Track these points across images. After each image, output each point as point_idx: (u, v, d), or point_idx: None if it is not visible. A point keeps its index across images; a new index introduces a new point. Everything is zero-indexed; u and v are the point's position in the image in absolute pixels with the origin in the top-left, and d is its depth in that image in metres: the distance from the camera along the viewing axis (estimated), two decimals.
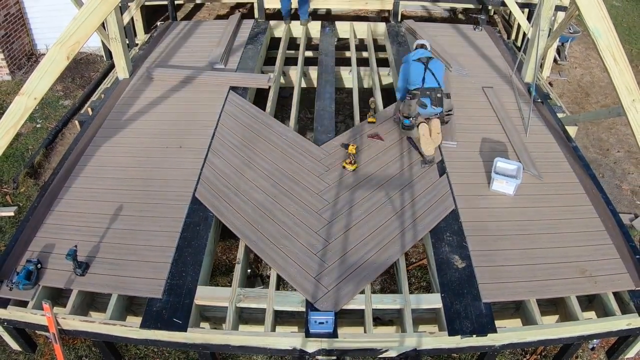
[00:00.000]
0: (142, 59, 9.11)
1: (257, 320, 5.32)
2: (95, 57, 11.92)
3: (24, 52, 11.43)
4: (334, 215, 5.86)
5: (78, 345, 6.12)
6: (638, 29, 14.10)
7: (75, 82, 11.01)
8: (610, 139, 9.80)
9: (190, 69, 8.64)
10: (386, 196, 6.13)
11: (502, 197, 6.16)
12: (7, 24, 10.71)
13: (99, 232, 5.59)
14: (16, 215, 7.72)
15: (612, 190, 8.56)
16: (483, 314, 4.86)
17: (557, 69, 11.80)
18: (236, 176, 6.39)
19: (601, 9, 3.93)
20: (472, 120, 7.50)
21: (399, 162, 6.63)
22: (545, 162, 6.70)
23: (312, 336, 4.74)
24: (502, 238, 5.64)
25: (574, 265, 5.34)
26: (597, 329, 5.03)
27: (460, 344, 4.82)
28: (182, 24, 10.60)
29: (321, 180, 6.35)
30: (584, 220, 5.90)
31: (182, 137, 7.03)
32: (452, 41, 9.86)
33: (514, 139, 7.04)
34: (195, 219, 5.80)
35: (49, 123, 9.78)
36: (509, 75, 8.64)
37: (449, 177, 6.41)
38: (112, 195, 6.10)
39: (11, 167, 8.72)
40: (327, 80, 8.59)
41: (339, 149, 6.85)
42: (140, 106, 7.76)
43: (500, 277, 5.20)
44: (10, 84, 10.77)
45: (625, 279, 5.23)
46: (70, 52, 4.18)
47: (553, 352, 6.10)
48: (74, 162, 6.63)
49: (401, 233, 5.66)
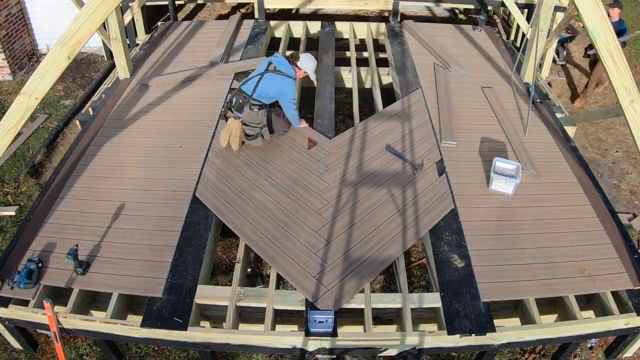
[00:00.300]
0: (143, 59, 9.11)
1: (257, 319, 5.32)
2: (96, 57, 11.93)
3: (25, 52, 11.43)
4: (334, 215, 5.85)
5: (79, 344, 6.12)
6: (636, 30, 14.09)
7: (76, 82, 11.02)
8: (609, 139, 9.79)
9: (190, 69, 8.64)
10: (385, 196, 6.12)
11: (501, 197, 6.16)
12: (8, 24, 10.72)
13: (99, 231, 5.59)
14: (17, 215, 7.72)
15: (611, 190, 8.56)
16: (482, 313, 4.86)
17: (555, 69, 11.81)
18: (236, 176, 6.39)
19: (600, 9, 3.94)
20: (472, 120, 7.49)
21: (398, 162, 6.62)
22: (544, 162, 6.70)
23: (312, 335, 4.74)
24: (501, 237, 5.64)
25: (573, 264, 5.34)
26: (595, 328, 5.02)
27: (459, 343, 4.82)
28: (183, 24, 10.60)
29: (321, 179, 6.35)
30: (582, 220, 5.90)
31: (182, 137, 7.03)
32: (452, 41, 9.85)
33: (513, 138, 7.04)
34: (196, 219, 5.80)
35: (50, 123, 9.78)
36: (508, 76, 8.64)
37: (448, 176, 6.41)
38: (112, 195, 6.10)
39: (12, 166, 8.72)
40: (327, 80, 8.58)
41: (339, 149, 6.85)
42: (141, 106, 7.76)
43: (499, 277, 5.20)
44: (12, 83, 10.78)
45: (624, 278, 5.23)
46: (71, 52, 4.18)
47: (552, 351, 6.10)
48: (75, 161, 6.62)
49: (401, 232, 5.66)
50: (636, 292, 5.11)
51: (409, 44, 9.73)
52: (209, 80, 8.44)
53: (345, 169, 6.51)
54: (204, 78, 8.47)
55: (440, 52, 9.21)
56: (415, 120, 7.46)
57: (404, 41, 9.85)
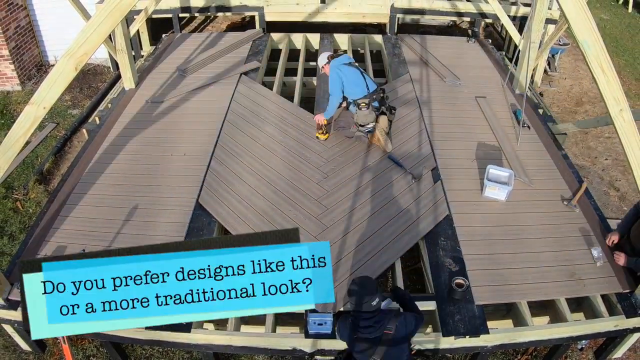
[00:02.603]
0: (148, 70, 9.15)
1: (257, 321, 5.33)
2: (102, 68, 11.95)
3: (33, 63, 11.47)
4: (332, 221, 5.88)
5: (86, 346, 6.12)
6: (625, 41, 14.17)
7: (83, 92, 11.04)
8: (599, 147, 9.82)
9: (193, 81, 8.68)
10: (382, 202, 6.15)
11: (494, 203, 6.19)
12: (17, 36, 10.75)
13: (106, 237, 5.61)
14: (26, 222, 7.73)
15: (601, 197, 8.58)
16: (476, 315, 4.88)
17: (547, 79, 11.85)
18: (238, 183, 6.41)
19: (590, 22, 3.97)
20: (466, 129, 7.54)
21: (395, 169, 6.65)
22: (536, 169, 6.73)
23: (311, 337, 4.76)
24: (494, 242, 5.67)
25: (564, 268, 5.37)
26: (585, 330, 5.06)
27: (453, 344, 4.84)
28: (186, 37, 10.66)
29: (320, 186, 6.37)
30: (573, 226, 5.92)
31: (185, 145, 7.07)
32: (447, 53, 9.90)
33: (505, 147, 7.08)
34: (199, 224, 5.82)
35: (57, 131, 9.81)
36: (501, 86, 8.68)
37: (443, 183, 6.43)
38: (118, 201, 6.13)
39: (22, 173, 8.74)
40: (326, 90, 8.60)
41: (337, 158, 6.88)
42: (146, 115, 7.79)
43: (492, 280, 5.23)
44: (21, 93, 10.80)
45: (613, 282, 5.26)
46: (79, 63, 4.20)
47: (543, 353, 6.10)
48: (82, 169, 6.66)
49: (397, 238, 5.68)
50: (625, 295, 5.14)
51: (405, 55, 9.76)
52: (211, 90, 8.48)
53: (343, 177, 6.53)
54: (206, 88, 8.50)
55: (436, 64, 9.26)
56: (411, 129, 7.50)
57: (400, 52, 9.89)
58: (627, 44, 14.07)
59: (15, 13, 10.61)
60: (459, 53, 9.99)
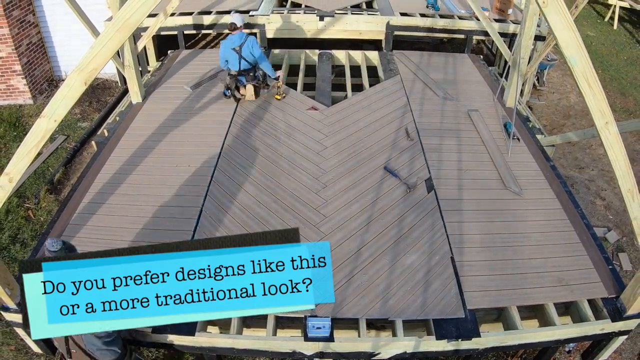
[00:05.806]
0: (154, 85, 9.19)
1: (259, 324, 5.34)
2: (110, 82, 12.01)
3: (45, 78, 11.52)
4: (330, 229, 5.90)
5: None
6: (610, 57, 14.25)
7: (92, 106, 11.09)
8: (585, 159, 9.87)
9: (197, 94, 8.72)
10: (378, 211, 6.17)
11: (486, 212, 6.21)
12: (29, 52, 10.82)
13: (114, 244, 5.61)
14: (38, 230, 7.75)
15: (587, 206, 8.62)
16: (468, 320, 4.90)
17: (536, 93, 11.91)
18: (240, 193, 6.44)
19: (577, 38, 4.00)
20: (458, 141, 7.57)
21: (391, 180, 6.68)
22: (526, 180, 6.76)
23: (311, 340, 4.77)
24: (485, 250, 5.69)
25: (552, 274, 5.39)
26: (573, 333, 5.07)
27: (446, 347, 4.85)
28: (191, 52, 10.71)
29: (319, 196, 6.40)
30: (561, 234, 5.95)
31: (190, 157, 7.10)
32: (440, 68, 9.96)
33: (496, 158, 7.11)
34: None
35: (68, 143, 9.84)
36: (492, 100, 8.72)
37: (437, 193, 6.46)
38: (126, 210, 6.15)
39: (33, 184, 8.76)
40: (325, 103, 8.64)
41: (334, 169, 6.91)
42: (152, 128, 7.82)
43: (484, 286, 5.25)
44: (32, 107, 10.85)
45: (599, 287, 5.28)
46: (88, 78, 4.22)
47: (532, 355, 6.11)
48: (91, 179, 6.68)
49: (392, 245, 5.70)
50: (611, 300, 5.16)
51: (400, 70, 9.81)
52: (214, 104, 8.52)
53: (341, 187, 6.56)
54: (210, 102, 8.54)
55: (428, 79, 9.31)
56: (406, 141, 7.53)
57: (395, 68, 9.94)
58: (613, 59, 14.15)
59: (27, 30, 10.69)
60: (452, 68, 10.04)
